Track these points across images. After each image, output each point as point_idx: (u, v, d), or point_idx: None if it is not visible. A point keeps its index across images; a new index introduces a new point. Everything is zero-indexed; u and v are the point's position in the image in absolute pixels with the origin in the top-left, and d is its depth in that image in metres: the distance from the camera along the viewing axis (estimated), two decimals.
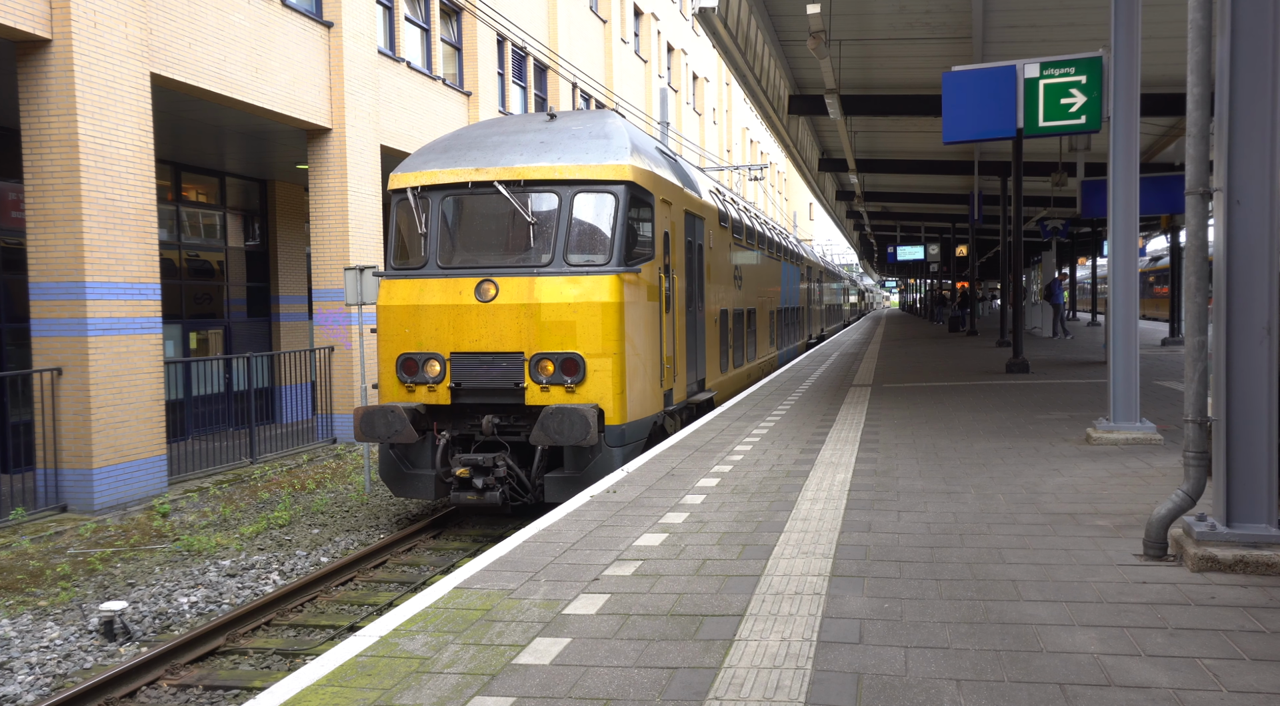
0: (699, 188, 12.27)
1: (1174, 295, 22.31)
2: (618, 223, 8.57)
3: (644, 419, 8.98)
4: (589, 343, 8.24)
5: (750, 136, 56.47)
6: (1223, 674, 3.20)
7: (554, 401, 8.29)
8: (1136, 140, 8.05)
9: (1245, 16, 4.35)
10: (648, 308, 9.04)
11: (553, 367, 8.32)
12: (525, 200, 8.64)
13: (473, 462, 8.42)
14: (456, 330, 8.58)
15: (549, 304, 8.29)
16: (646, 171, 9.18)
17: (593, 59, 27.54)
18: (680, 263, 10.56)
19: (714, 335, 12.92)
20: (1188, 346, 4.62)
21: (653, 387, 9.23)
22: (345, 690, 3.30)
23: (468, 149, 9.15)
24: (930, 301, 47.95)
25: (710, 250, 12.59)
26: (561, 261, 8.44)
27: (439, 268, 8.76)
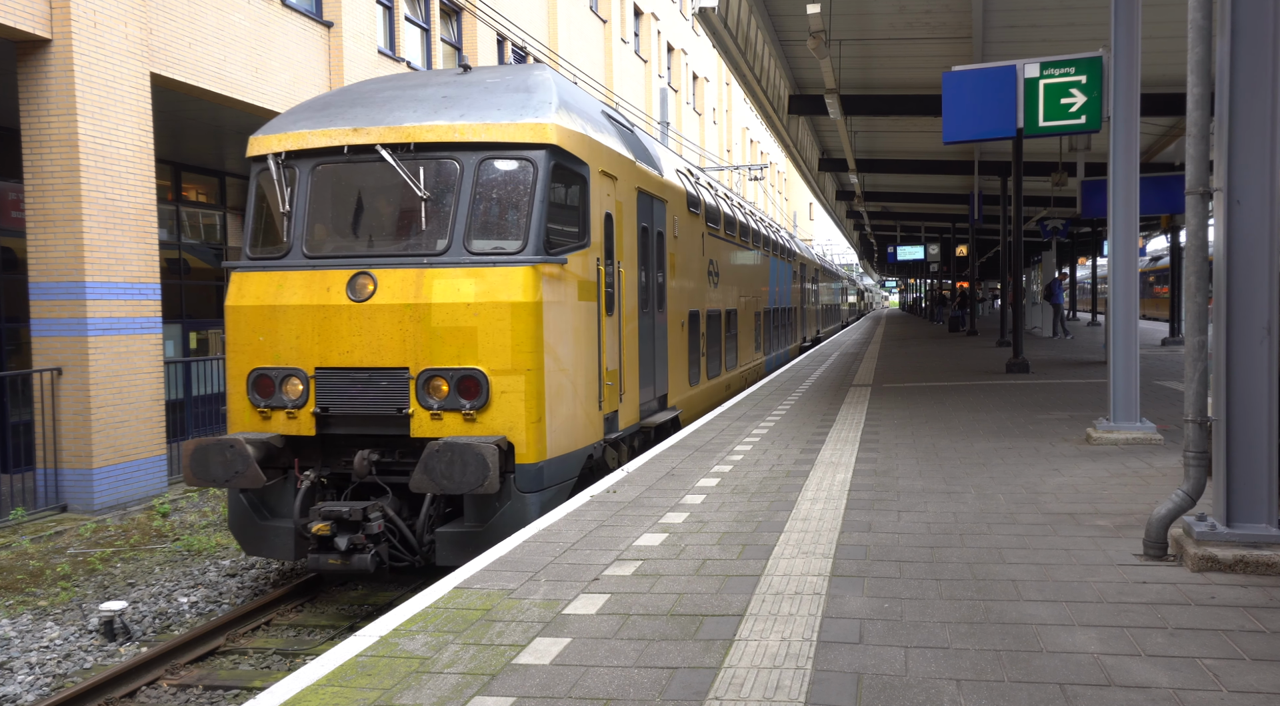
0: (660, 165, 10.32)
1: (1174, 295, 22.31)
2: (536, 198, 6.68)
3: (573, 453, 7.06)
4: (495, 355, 6.41)
5: (750, 136, 56.48)
6: (1223, 674, 3.20)
7: (447, 432, 6.47)
8: (1136, 140, 8.05)
9: (1245, 16, 4.35)
10: (579, 309, 7.19)
11: (447, 388, 6.45)
12: (417, 169, 6.75)
13: (335, 515, 6.23)
14: (323, 338, 6.67)
15: (443, 304, 6.46)
16: (578, 135, 7.26)
17: (593, 59, 27.55)
18: (631, 253, 8.73)
19: (680, 342, 11.00)
20: (1188, 346, 4.62)
21: (586, 412, 7.34)
22: (345, 690, 3.30)
23: (350, 105, 7.25)
24: (930, 301, 47.95)
25: (676, 240, 10.76)
26: (461, 249, 6.57)
27: (305, 257, 6.87)
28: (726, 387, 14.31)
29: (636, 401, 8.96)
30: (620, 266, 8.34)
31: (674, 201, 10.65)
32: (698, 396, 12.15)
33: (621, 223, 8.44)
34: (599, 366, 7.67)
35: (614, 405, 8.19)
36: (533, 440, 6.51)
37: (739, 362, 15.61)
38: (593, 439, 7.55)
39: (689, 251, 11.61)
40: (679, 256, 11.02)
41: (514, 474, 6.48)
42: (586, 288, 7.41)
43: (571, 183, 7.27)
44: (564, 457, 6.95)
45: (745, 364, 16.27)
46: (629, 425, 8.69)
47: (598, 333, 7.65)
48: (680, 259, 11.07)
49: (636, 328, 8.94)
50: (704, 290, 12.57)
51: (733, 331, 15.03)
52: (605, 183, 7.94)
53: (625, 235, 8.55)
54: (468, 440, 6.13)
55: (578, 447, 7.22)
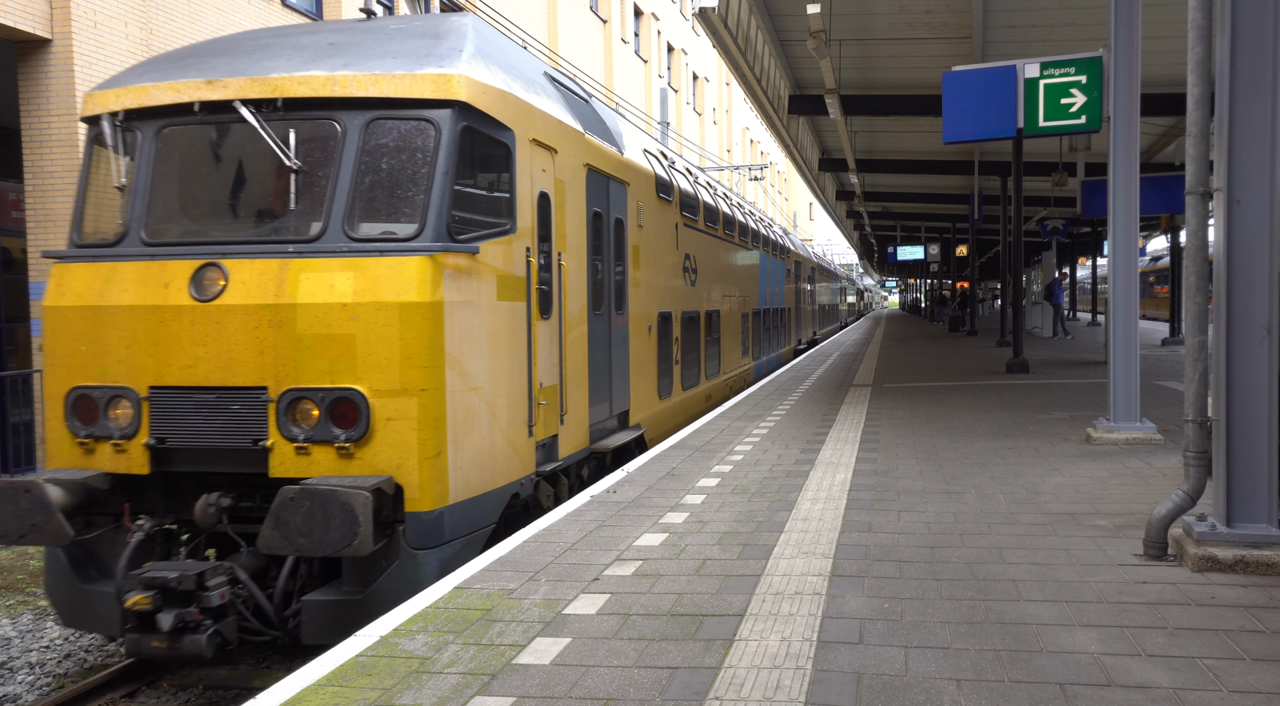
0: (620, 141, 8.96)
1: (1174, 295, 22.31)
2: (437, 170, 5.35)
3: (488, 495, 5.72)
4: (379, 372, 5.08)
5: (750, 136, 56.49)
6: (1223, 674, 3.20)
7: (317, 471, 5.11)
8: (1136, 140, 8.05)
9: (1245, 16, 4.35)
10: (499, 311, 5.86)
11: (317, 414, 5.11)
12: (286, 132, 5.40)
13: (159, 583, 4.76)
14: (160, 349, 5.28)
15: (312, 306, 5.10)
16: (498, 92, 5.90)
17: (593, 59, 27.56)
18: (577, 243, 7.39)
19: (646, 348, 9.61)
20: (1188, 346, 4.62)
21: (509, 440, 6.01)
22: (345, 690, 3.30)
23: (214, 54, 5.86)
24: (930, 301, 47.97)
25: (642, 230, 9.44)
26: (340, 234, 5.23)
27: (143, 244, 5.47)
28: (707, 398, 13.01)
29: (585, 422, 7.60)
30: (562, 259, 7.01)
31: (639, 185, 9.34)
32: (669, 411, 10.74)
33: (564, 205, 7.06)
34: (528, 382, 6.30)
35: (551, 429, 6.80)
36: (428, 480, 5.12)
37: (722, 370, 14.27)
38: (519, 473, 6.17)
39: (659, 244, 10.23)
40: (645, 249, 9.63)
41: (403, 525, 5.12)
42: (510, 284, 6.03)
43: (489, 152, 5.94)
44: (475, 501, 5.54)
45: (730, 371, 14.94)
46: (574, 451, 7.35)
47: (527, 340, 6.29)
48: (647, 252, 9.70)
49: (585, 333, 7.59)
50: (678, 288, 11.21)
51: (714, 335, 13.63)
52: (539, 155, 6.60)
53: (569, 221, 7.20)
54: (334, 484, 4.75)
55: (496, 486, 5.81)
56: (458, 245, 5.41)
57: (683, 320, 11.47)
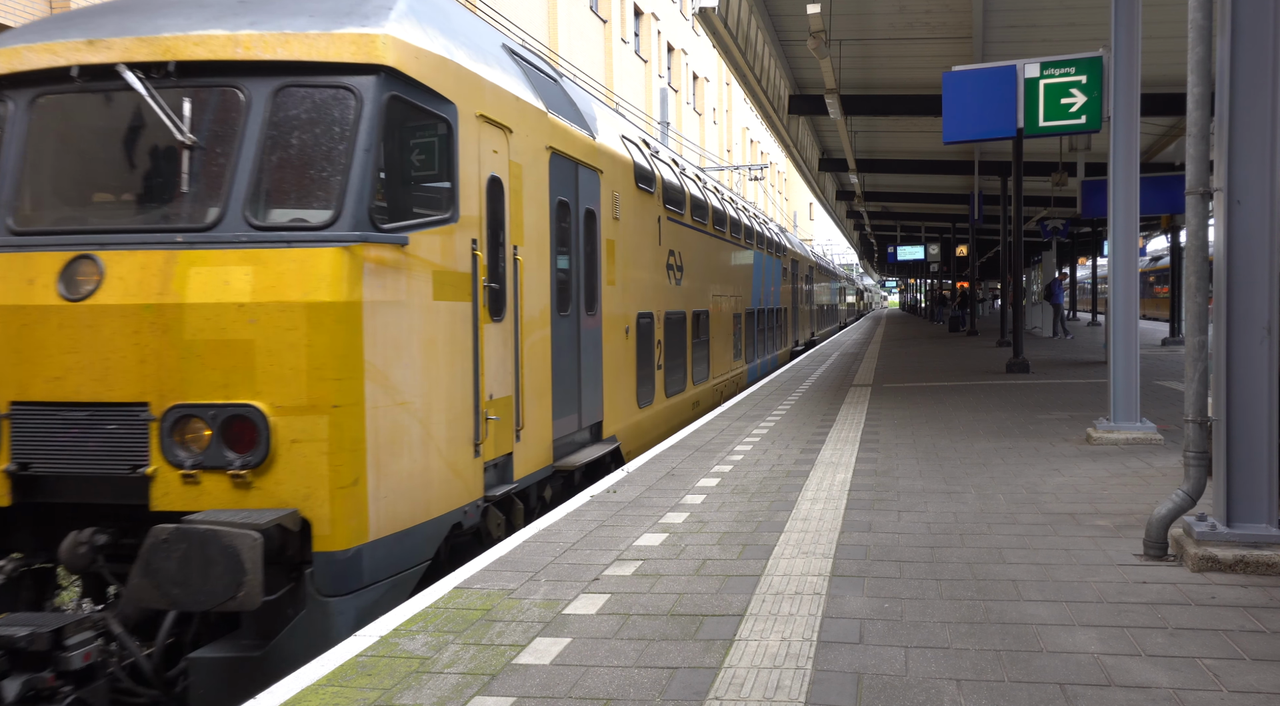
0: (593, 125, 8.20)
1: (1174, 295, 22.32)
2: (358, 146, 4.61)
3: (420, 527, 4.96)
4: (282, 385, 4.38)
5: (750, 136, 56.50)
6: (1223, 674, 3.20)
7: (207, 503, 4.40)
8: (1136, 140, 8.06)
9: (1245, 16, 4.35)
10: (435, 312, 5.14)
11: (209, 434, 4.38)
12: (179, 101, 4.64)
13: (3, 642, 3.94)
14: (23, 357, 4.54)
15: (202, 306, 4.39)
16: (436, 58, 5.17)
17: (593, 59, 27.56)
18: (539, 236, 6.65)
19: (623, 353, 8.83)
20: (1188, 346, 4.62)
21: (449, 461, 5.26)
22: (345, 690, 3.30)
23: (108, 13, 5.03)
24: (930, 301, 47.99)
25: (618, 223, 8.66)
26: (240, 220, 4.47)
27: (9, 232, 4.69)
28: (694, 406, 12.19)
29: (548, 437, 6.83)
30: (518, 253, 6.26)
31: (614, 173, 8.56)
32: (650, 420, 9.94)
33: (521, 193, 6.31)
34: (474, 394, 5.55)
35: (504, 446, 6.03)
36: (342, 513, 4.38)
37: (712, 374, 13.44)
38: (462, 499, 5.39)
39: (638, 238, 9.40)
40: (622, 244, 8.82)
41: (309, 566, 4.37)
42: (450, 281, 5.29)
43: (425, 128, 5.24)
44: (403, 537, 4.79)
45: (721, 375, 14.13)
46: (534, 470, 6.57)
47: (472, 345, 5.53)
48: (624, 247, 8.89)
49: (548, 337, 6.82)
50: (661, 287, 10.41)
51: (703, 337, 12.78)
52: (490, 134, 5.83)
53: (528, 211, 6.44)
54: (219, 521, 4.05)
55: (431, 516, 5.06)
56: (381, 235, 4.65)
57: (667, 321, 10.68)
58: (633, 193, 9.19)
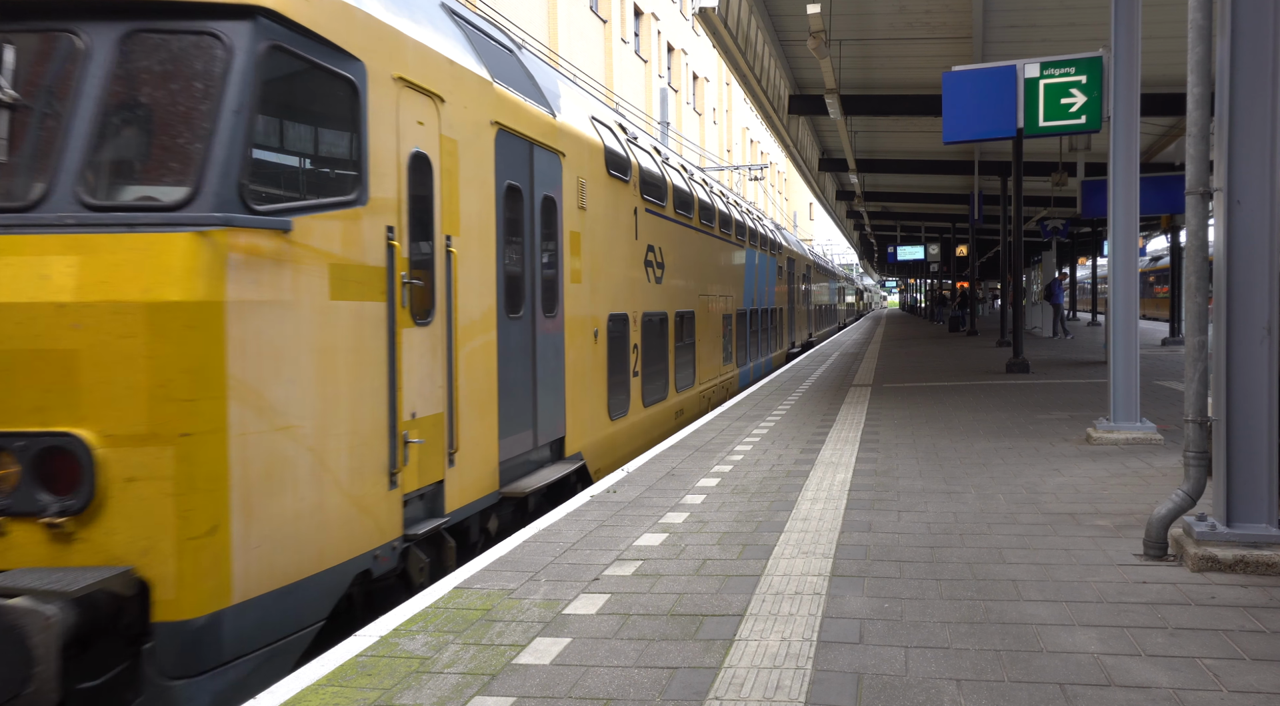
0: (554, 101, 7.34)
1: (1174, 295, 22.32)
2: (226, 105, 3.78)
3: (309, 581, 4.10)
4: (114, 408, 3.57)
5: (750, 136, 56.52)
6: (1223, 674, 3.20)
7: (14, 559, 3.59)
8: (1136, 140, 8.06)
9: (1245, 16, 4.35)
10: (334, 314, 4.26)
11: (17, 471, 3.58)
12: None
13: None
14: None
15: (11, 306, 3.58)
16: (336, 3, 4.40)
17: (593, 59, 27.57)
18: (481, 225, 5.82)
19: (590, 359, 7.97)
20: (1188, 346, 4.62)
21: (352, 497, 4.39)
22: (345, 690, 3.30)
23: None
24: (930, 301, 48.00)
25: (583, 213, 7.78)
26: (70, 198, 3.64)
27: None
28: (677, 414, 11.28)
29: (493, 458, 5.98)
30: (453, 244, 5.44)
31: (580, 157, 7.70)
32: (625, 433, 9.08)
33: (457, 173, 5.47)
34: (389, 413, 4.68)
35: (432, 474, 5.18)
36: (194, 572, 3.55)
37: (698, 379, 12.50)
38: (370, 541, 4.53)
39: (609, 231, 8.55)
40: (590, 237, 7.96)
41: (151, 638, 3.55)
42: (356, 277, 4.43)
43: (320, 88, 4.34)
44: (284, 594, 3.94)
45: (708, 380, 13.22)
46: (476, 499, 5.74)
47: (388, 354, 4.67)
48: (592, 241, 8.04)
49: (494, 342, 5.97)
50: (638, 286, 9.57)
51: (687, 339, 11.90)
52: (413, 102, 5.01)
53: (468, 194, 5.64)
54: (6, 589, 3.30)
55: (326, 566, 4.20)
56: (255, 218, 3.74)
57: (644, 324, 9.76)
58: (603, 180, 8.35)
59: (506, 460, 6.25)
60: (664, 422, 10.68)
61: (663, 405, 10.61)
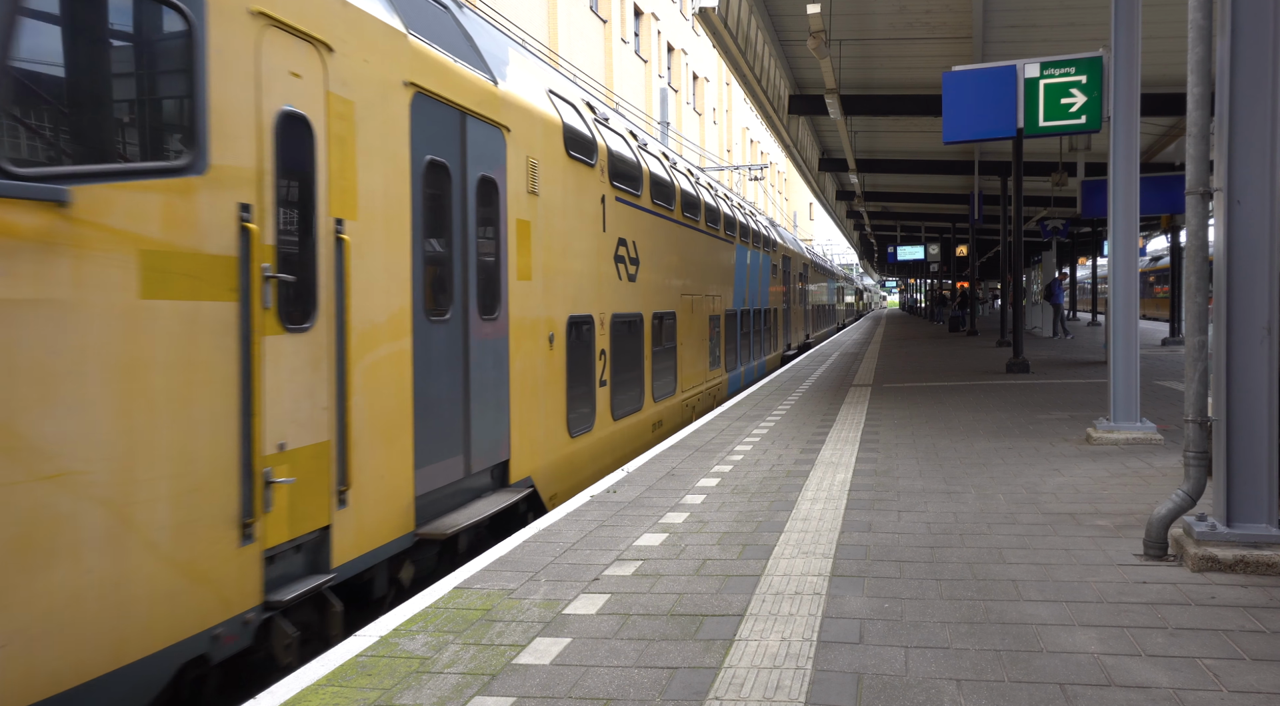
0: (496, 68, 6.41)
1: (1174, 295, 22.33)
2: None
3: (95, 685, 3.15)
4: None
5: (750, 136, 56.52)
6: (1223, 674, 3.20)
7: None
8: (1136, 140, 8.06)
9: (1245, 16, 4.35)
10: (145, 318, 3.36)
11: None
12: None
13: None
14: None
15: None
16: None
17: (593, 59, 27.57)
18: (393, 205, 4.91)
19: (544, 367, 7.03)
20: (1188, 346, 4.62)
21: (176, 562, 3.48)
22: (345, 690, 3.30)
23: None
24: (930, 301, 48.01)
25: (535, 199, 6.87)
26: None
27: None
28: (655, 426, 10.35)
29: (406, 493, 5.03)
30: (345, 230, 4.46)
31: (531, 135, 6.79)
32: (590, 451, 8.15)
33: (352, 141, 4.53)
34: (241, 446, 3.79)
35: (310, 519, 4.22)
36: None
37: (681, 386, 11.53)
38: (203, 621, 3.61)
39: (569, 221, 7.63)
40: (544, 227, 7.07)
41: None
42: (183, 268, 3.52)
43: (129, 18, 3.48)
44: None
45: (693, 387, 12.25)
46: (377, 546, 4.79)
47: (239, 370, 3.78)
48: (547, 232, 7.14)
49: (408, 350, 5.06)
50: (607, 284, 8.68)
51: (667, 343, 10.96)
52: (283, 47, 4.07)
53: (369, 169, 4.69)
54: None
55: (131, 659, 3.28)
56: (6, 184, 2.86)
57: (615, 326, 8.91)
58: (562, 163, 7.44)
59: (426, 494, 5.31)
60: (639, 436, 9.82)
61: (637, 416, 9.74)
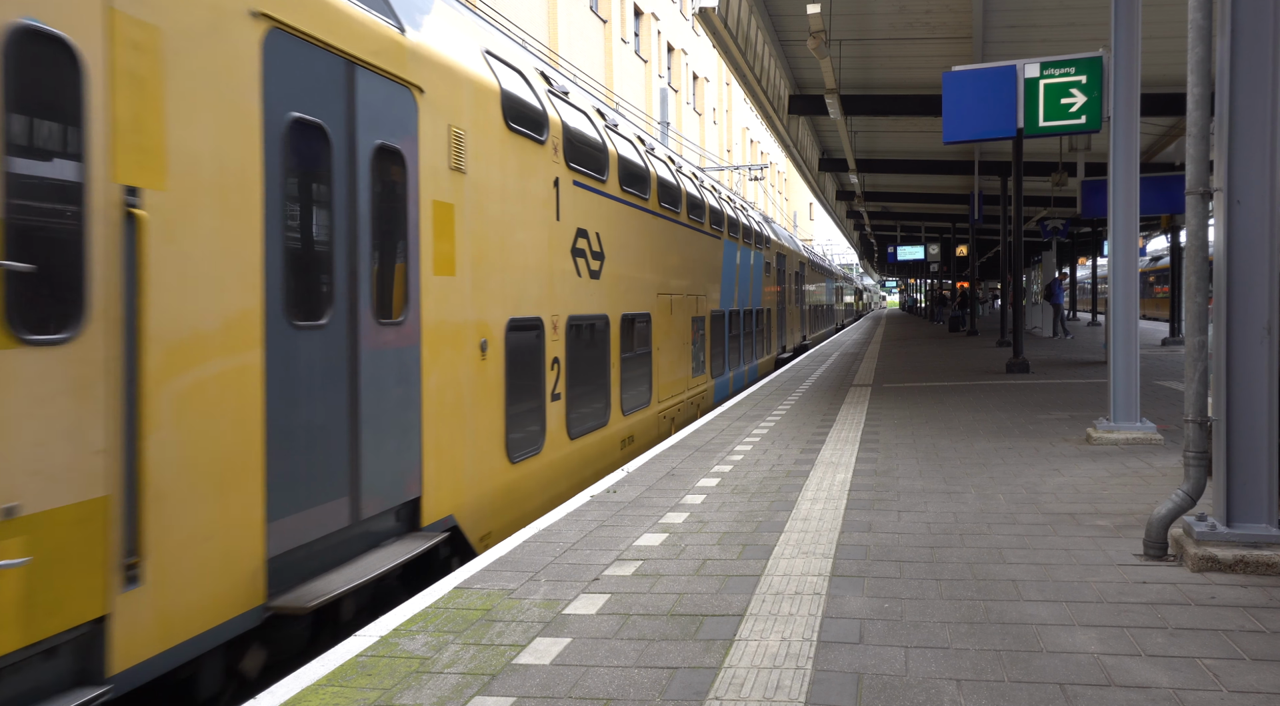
0: (406, 12, 5.41)
1: (1174, 295, 22.32)
2: None
3: None
4: None
5: (750, 136, 56.52)
6: (1223, 674, 3.20)
7: None
8: (1136, 140, 8.06)
9: (1245, 16, 4.35)
10: None
11: None
12: None
13: None
14: None
15: None
16: None
17: (593, 59, 27.57)
18: (231, 173, 3.87)
19: (474, 382, 5.98)
20: (1188, 346, 4.62)
21: None
22: (345, 690, 3.30)
23: None
24: (930, 301, 48.01)
25: (462, 177, 5.83)
26: None
27: None
28: (625, 442, 9.22)
29: (253, 555, 3.93)
30: (142, 202, 3.44)
31: (454, 99, 5.73)
32: (537, 476, 7.01)
33: (156, 81, 3.48)
34: None
35: (67, 614, 3.11)
36: None
37: (657, 396, 10.27)
38: None
39: (511, 207, 6.52)
40: (473, 212, 5.99)
41: None
42: None
43: None
44: None
45: (671, 396, 10.88)
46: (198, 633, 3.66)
47: None
48: (479, 217, 6.07)
49: (258, 365, 3.99)
50: (563, 281, 7.52)
51: (640, 349, 9.74)
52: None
53: (187, 120, 3.65)
54: None
55: None
56: None
57: (572, 330, 7.75)
58: (499, 136, 6.31)
59: (286, 553, 4.17)
60: (603, 455, 8.62)
61: (602, 433, 8.53)
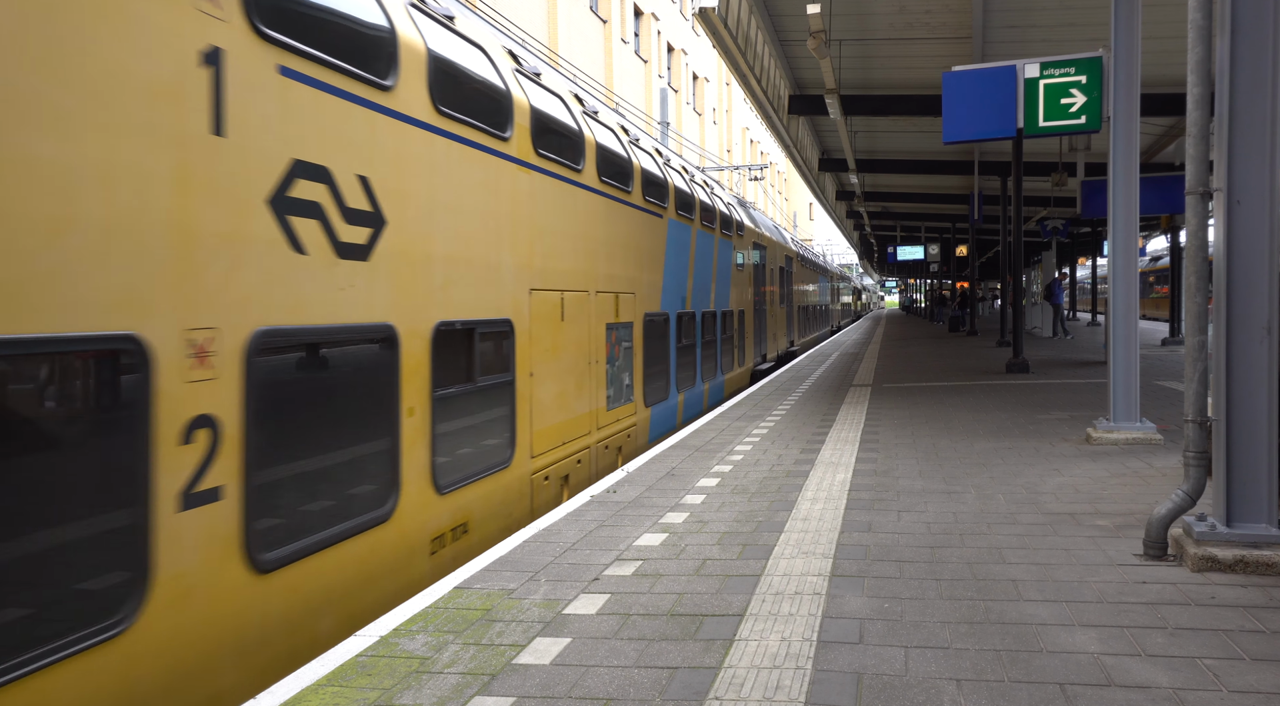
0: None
1: (1174, 295, 22.32)
2: None
3: None
4: None
5: (750, 136, 56.52)
6: (1223, 674, 3.20)
7: None
8: (1136, 140, 8.05)
9: (1245, 16, 4.35)
10: None
11: None
12: None
13: None
14: None
15: None
16: None
17: (593, 59, 27.56)
18: None
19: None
20: (1188, 346, 4.62)
21: None
22: (345, 690, 3.30)
23: None
24: (930, 301, 48.00)
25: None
26: None
27: None
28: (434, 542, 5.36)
29: None
30: None
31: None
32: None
33: None
34: None
35: None
36: None
37: (526, 448, 6.75)
38: None
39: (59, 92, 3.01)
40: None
41: None
42: None
43: None
44: None
45: (563, 442, 7.56)
46: None
47: None
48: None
49: None
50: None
51: (485, 378, 6.17)
52: None
53: None
54: None
55: None
56: None
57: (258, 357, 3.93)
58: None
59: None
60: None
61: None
